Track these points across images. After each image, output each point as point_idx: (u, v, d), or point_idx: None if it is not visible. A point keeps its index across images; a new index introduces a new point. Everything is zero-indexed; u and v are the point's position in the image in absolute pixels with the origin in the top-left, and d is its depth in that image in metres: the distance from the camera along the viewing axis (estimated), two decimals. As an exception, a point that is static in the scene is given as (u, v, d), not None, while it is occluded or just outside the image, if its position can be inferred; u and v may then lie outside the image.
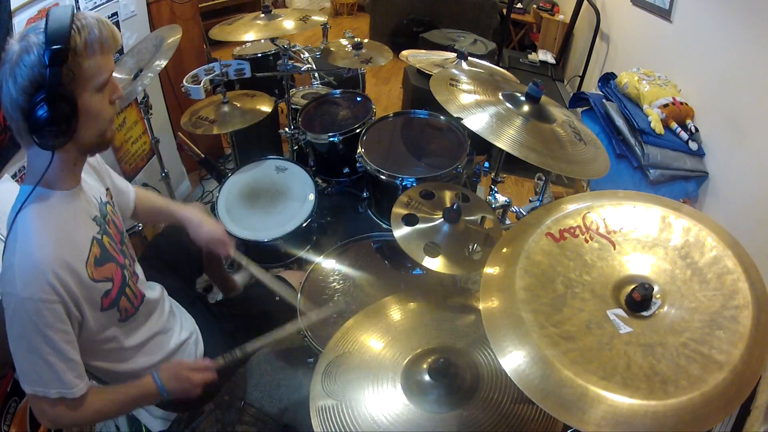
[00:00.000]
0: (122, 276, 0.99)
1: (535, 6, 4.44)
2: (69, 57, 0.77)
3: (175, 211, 1.30)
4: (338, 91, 2.11)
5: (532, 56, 3.99)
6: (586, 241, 0.90)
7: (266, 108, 1.90)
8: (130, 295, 1.02)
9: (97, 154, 1.06)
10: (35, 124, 0.77)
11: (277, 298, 1.39)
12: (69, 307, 0.85)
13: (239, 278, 1.86)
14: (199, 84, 1.74)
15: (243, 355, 1.16)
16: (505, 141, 1.17)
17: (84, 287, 0.89)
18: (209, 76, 1.80)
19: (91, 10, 1.75)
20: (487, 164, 1.66)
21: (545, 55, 3.97)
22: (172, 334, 1.16)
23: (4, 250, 0.85)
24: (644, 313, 0.79)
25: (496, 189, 1.70)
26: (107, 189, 1.09)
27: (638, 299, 0.78)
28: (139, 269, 1.13)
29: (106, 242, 0.98)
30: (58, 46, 0.75)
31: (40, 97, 0.76)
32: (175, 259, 1.43)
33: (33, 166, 0.87)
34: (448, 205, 1.29)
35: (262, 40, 2.52)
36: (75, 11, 0.80)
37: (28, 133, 0.80)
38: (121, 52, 1.96)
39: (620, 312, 0.80)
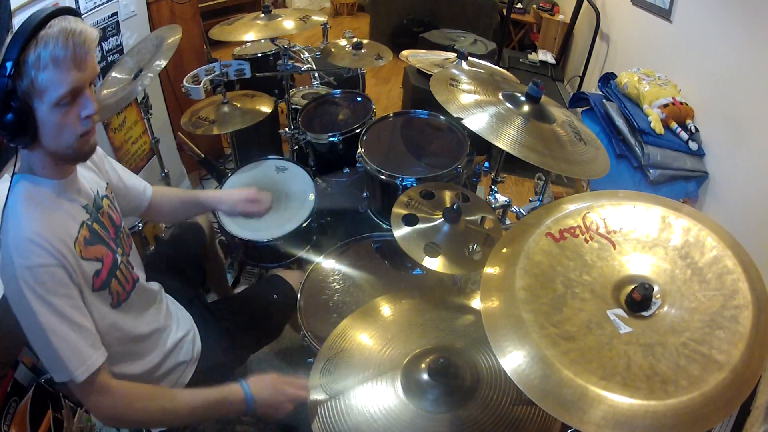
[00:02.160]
0: (113, 259, 0.99)
1: (535, 6, 4.44)
2: (21, 68, 0.77)
3: (203, 197, 1.33)
4: (338, 91, 2.11)
5: (532, 56, 3.99)
6: (586, 241, 0.90)
7: (266, 108, 1.90)
8: (122, 279, 1.01)
9: (100, 151, 1.06)
10: None
11: (275, 296, 1.39)
12: (69, 270, 0.85)
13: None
14: (199, 84, 1.74)
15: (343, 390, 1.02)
16: (505, 141, 1.17)
17: (76, 262, 0.89)
18: (209, 77, 1.80)
19: (91, 10, 1.75)
20: (487, 164, 1.66)
21: (545, 55, 3.97)
22: (170, 332, 1.16)
23: None
24: (644, 313, 0.79)
25: (496, 189, 1.70)
26: (107, 184, 1.09)
27: (638, 299, 0.78)
28: (136, 261, 1.12)
29: (97, 228, 0.98)
30: (9, 59, 0.76)
31: None
32: (178, 265, 1.43)
33: (23, 157, 0.89)
34: (448, 205, 1.29)
35: (262, 40, 2.52)
36: (49, 16, 0.79)
37: None
38: (121, 52, 1.96)
39: (620, 312, 0.80)
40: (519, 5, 4.54)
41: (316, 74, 2.74)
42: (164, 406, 0.93)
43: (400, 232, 1.21)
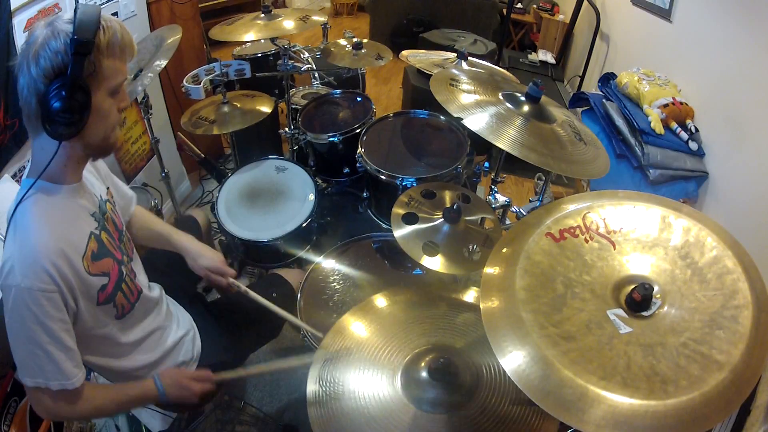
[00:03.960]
0: (119, 272, 1.00)
1: (535, 6, 4.44)
2: (93, 51, 0.79)
3: (174, 239, 1.29)
4: (338, 91, 2.11)
5: (532, 56, 3.99)
6: (586, 241, 0.90)
7: (266, 108, 1.90)
8: (127, 291, 1.02)
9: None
10: (49, 110, 0.78)
11: (274, 294, 1.39)
12: (65, 296, 0.86)
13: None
14: (199, 84, 1.74)
15: (246, 374, 1.18)
16: (505, 141, 1.17)
17: (80, 280, 0.89)
18: (209, 77, 1.80)
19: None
20: (487, 164, 1.66)
21: (545, 55, 3.97)
22: (170, 332, 1.17)
23: (4, 242, 0.86)
24: (644, 313, 0.79)
25: (496, 189, 1.70)
26: (107, 188, 1.10)
27: (638, 299, 0.78)
28: (138, 267, 1.13)
29: (104, 238, 0.98)
30: (86, 38, 0.77)
31: (59, 83, 0.78)
32: (176, 262, 1.43)
33: (36, 159, 0.88)
34: (449, 205, 1.29)
35: (262, 40, 2.52)
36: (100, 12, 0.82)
37: (38, 120, 0.81)
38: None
39: (620, 312, 0.80)
40: (519, 5, 4.54)
41: (316, 74, 2.74)
42: (96, 403, 0.96)
43: (400, 231, 1.21)
